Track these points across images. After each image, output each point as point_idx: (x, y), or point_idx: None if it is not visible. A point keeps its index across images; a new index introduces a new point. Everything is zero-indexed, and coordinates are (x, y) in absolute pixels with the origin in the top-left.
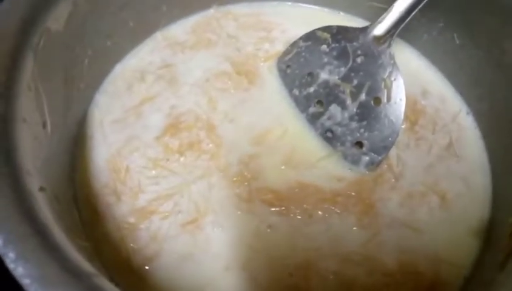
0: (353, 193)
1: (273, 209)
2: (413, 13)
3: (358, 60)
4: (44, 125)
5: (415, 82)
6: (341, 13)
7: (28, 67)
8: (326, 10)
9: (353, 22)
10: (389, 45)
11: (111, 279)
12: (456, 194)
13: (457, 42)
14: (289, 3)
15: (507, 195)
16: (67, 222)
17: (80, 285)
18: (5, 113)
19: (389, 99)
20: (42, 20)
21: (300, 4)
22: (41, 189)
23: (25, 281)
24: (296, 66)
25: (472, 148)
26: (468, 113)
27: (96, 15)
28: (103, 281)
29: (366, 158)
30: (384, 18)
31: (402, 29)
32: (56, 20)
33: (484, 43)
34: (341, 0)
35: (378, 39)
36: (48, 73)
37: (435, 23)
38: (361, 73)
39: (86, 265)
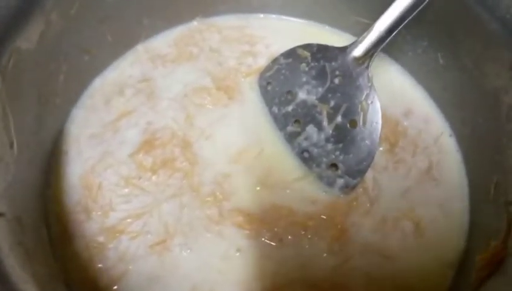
0: (325, 217)
1: (243, 232)
2: (393, 33)
3: (336, 81)
4: (11, 146)
5: (399, 101)
6: (327, 27)
7: None
8: (312, 23)
9: (339, 36)
10: (368, 66)
11: None
12: (431, 221)
13: (441, 62)
14: (275, 16)
15: (483, 224)
16: (30, 244)
17: None
18: None
19: (364, 122)
20: (11, 40)
21: (286, 17)
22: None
23: None
24: (277, 83)
25: (452, 173)
26: (450, 135)
27: (72, 31)
28: None
29: (341, 181)
30: (364, 38)
31: (387, 44)
32: (26, 39)
33: (467, 66)
34: (327, 14)
35: (357, 60)
36: (17, 92)
37: (420, 41)
38: (338, 94)
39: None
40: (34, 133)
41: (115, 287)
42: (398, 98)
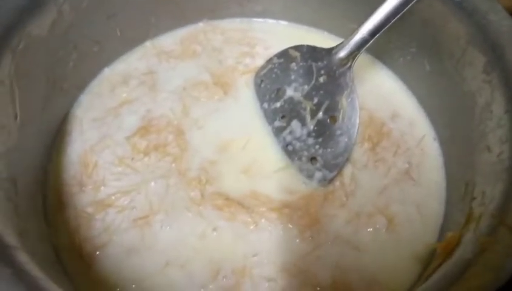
0: (301, 206)
1: (221, 213)
2: (375, 36)
3: (321, 79)
4: (15, 117)
5: (387, 104)
6: (326, 33)
7: (5, 65)
8: (312, 29)
9: (336, 41)
10: (350, 67)
11: (58, 259)
12: (405, 219)
13: (427, 68)
14: (276, 21)
15: (453, 222)
16: (21, 204)
17: None
18: None
19: (343, 118)
20: (22, 25)
21: (287, 23)
22: None
23: None
24: (269, 81)
25: (432, 175)
26: (434, 139)
27: (82, 23)
28: (20, 253)
29: (320, 174)
30: (349, 40)
31: (379, 51)
32: (38, 26)
33: (448, 70)
34: (326, 21)
35: (341, 60)
36: (26, 72)
37: (408, 48)
38: (321, 92)
39: (8, 239)
40: (40, 110)
41: (97, 253)
42: (386, 101)
